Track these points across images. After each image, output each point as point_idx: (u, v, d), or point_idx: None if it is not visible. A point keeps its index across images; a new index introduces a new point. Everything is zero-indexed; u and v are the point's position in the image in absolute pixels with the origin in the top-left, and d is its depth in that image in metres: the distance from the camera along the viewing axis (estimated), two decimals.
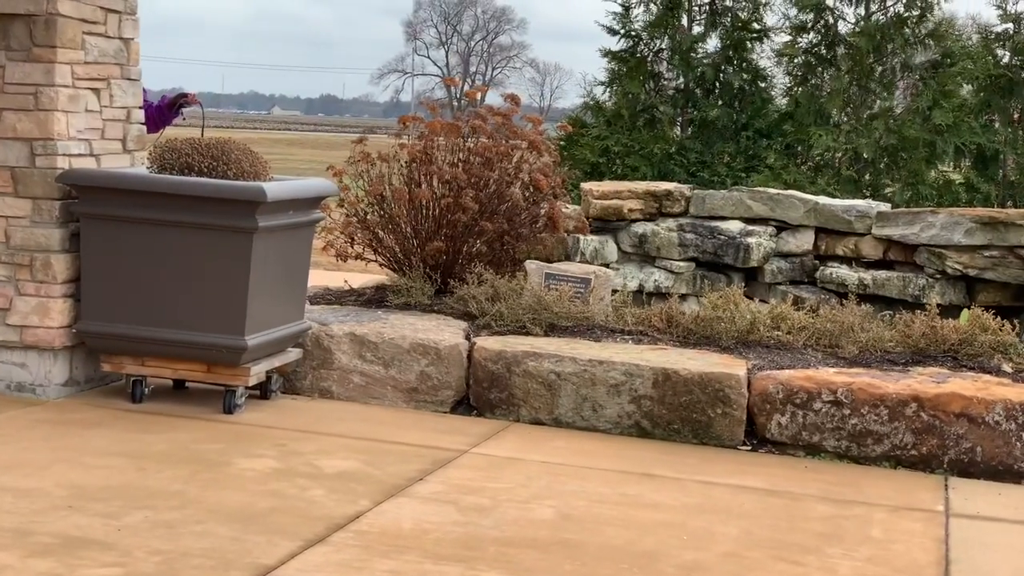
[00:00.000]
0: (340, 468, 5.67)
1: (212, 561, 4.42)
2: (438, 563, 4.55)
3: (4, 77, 6.52)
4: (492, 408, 6.82)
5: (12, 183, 6.53)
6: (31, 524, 4.66)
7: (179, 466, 5.53)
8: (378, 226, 8.17)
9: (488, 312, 7.32)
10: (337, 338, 7.01)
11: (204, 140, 6.61)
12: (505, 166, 8.20)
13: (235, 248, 6.31)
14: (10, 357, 6.56)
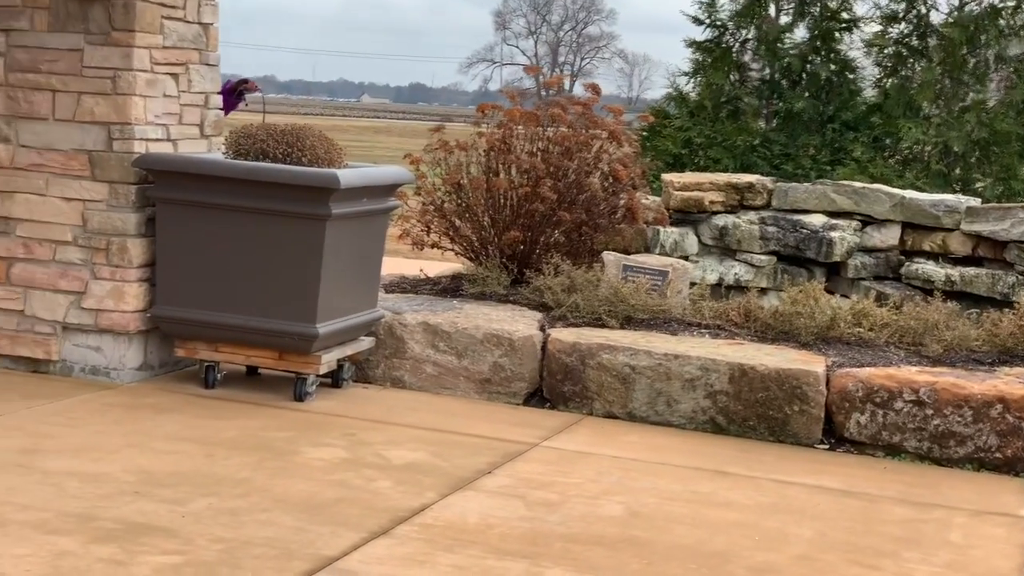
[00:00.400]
0: (408, 459, 5.61)
1: (274, 551, 4.38)
2: (502, 558, 4.48)
3: (83, 61, 6.53)
4: (565, 401, 6.73)
5: (90, 167, 6.54)
6: (96, 509, 4.65)
7: (247, 453, 5.50)
8: (455, 215, 8.11)
9: (564, 303, 7.23)
10: (410, 327, 6.96)
11: (279, 126, 6.58)
12: (584, 156, 8.10)
13: (308, 235, 6.27)
14: (85, 340, 6.58)
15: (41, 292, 6.59)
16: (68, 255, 6.56)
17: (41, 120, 6.59)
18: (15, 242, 6.63)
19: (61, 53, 6.55)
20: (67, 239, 6.56)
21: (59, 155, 6.57)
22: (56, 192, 6.58)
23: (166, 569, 4.13)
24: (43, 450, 5.31)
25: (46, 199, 6.59)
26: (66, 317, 6.57)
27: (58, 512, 4.58)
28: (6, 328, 6.64)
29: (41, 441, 5.43)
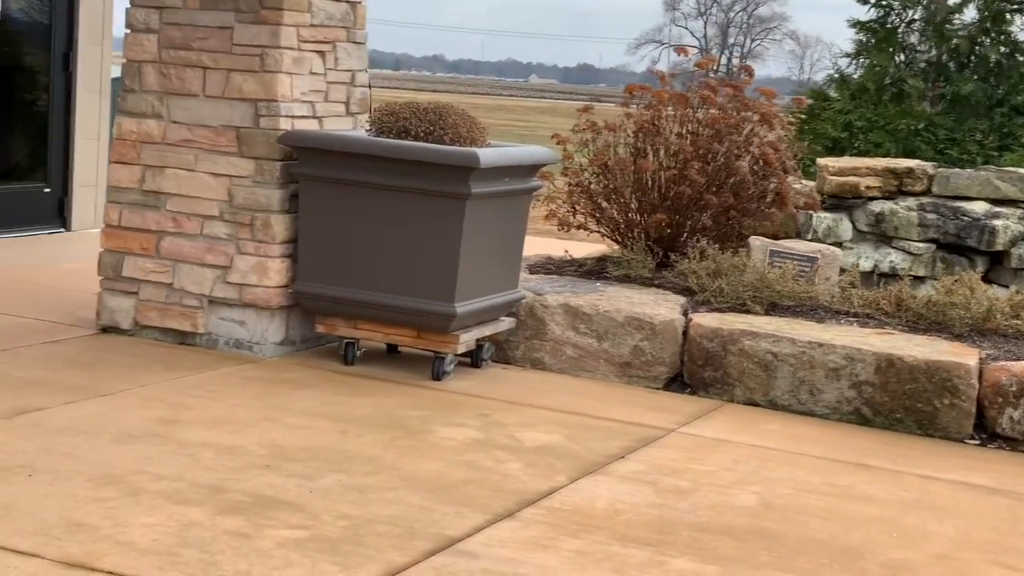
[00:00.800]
0: (541, 442, 5.56)
1: (397, 529, 4.37)
2: (626, 545, 4.40)
3: (232, 38, 6.61)
4: (706, 387, 6.62)
5: (237, 143, 6.62)
6: (227, 481, 4.70)
7: (380, 431, 5.51)
8: (601, 196, 8.02)
9: (708, 288, 7.10)
10: (551, 308, 6.91)
11: (422, 104, 6.57)
12: (735, 139, 7.94)
13: (447, 214, 6.26)
14: (229, 314, 6.67)
15: (189, 266, 6.70)
16: (215, 230, 6.66)
17: (192, 96, 6.69)
18: (165, 216, 6.75)
19: (212, 31, 6.64)
20: (214, 214, 6.66)
21: (208, 131, 6.66)
22: (205, 167, 6.68)
23: (289, 543, 4.15)
24: (181, 421, 5.39)
25: (195, 174, 6.69)
26: (212, 291, 6.67)
27: (190, 483, 4.64)
28: (155, 300, 6.77)
29: (180, 412, 5.52)
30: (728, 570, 4.27)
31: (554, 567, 4.16)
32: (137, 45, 6.79)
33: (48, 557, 3.87)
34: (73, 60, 10.06)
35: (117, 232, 6.84)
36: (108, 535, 4.09)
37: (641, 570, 4.19)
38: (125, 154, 6.83)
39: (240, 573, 3.89)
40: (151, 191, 6.77)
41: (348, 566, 4.02)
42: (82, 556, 3.90)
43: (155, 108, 6.77)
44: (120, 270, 6.82)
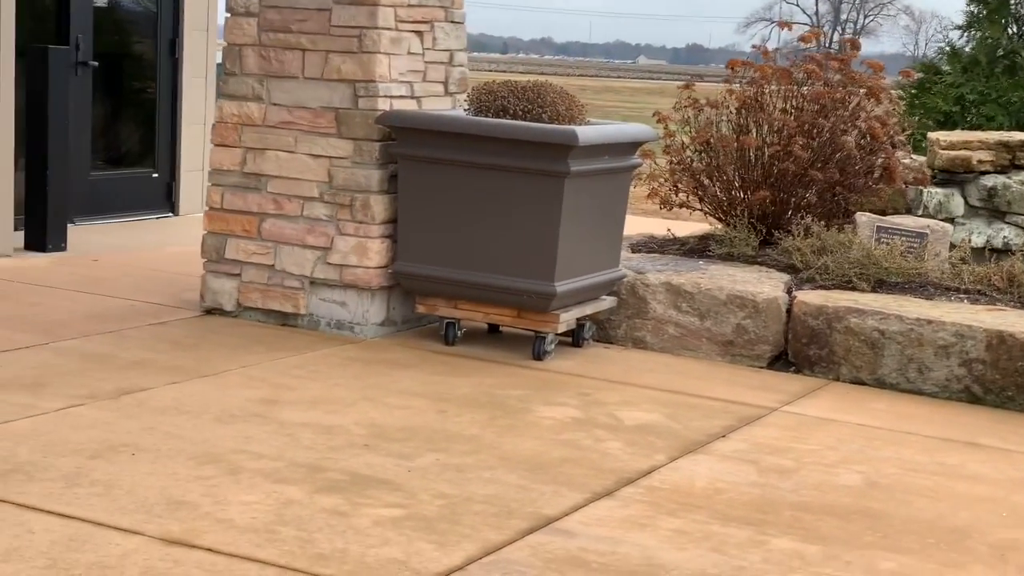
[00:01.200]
0: (641, 420, 5.51)
1: (494, 508, 4.35)
2: (726, 525, 4.34)
3: (331, 20, 6.62)
4: (811, 365, 6.51)
5: (336, 124, 6.64)
6: (325, 460, 4.71)
7: (479, 410, 5.50)
8: (703, 173, 7.92)
9: (813, 265, 6.98)
10: (653, 287, 6.84)
11: (521, 83, 6.53)
12: (840, 113, 7.78)
13: (546, 192, 6.21)
14: (330, 295, 6.70)
15: (290, 247, 6.74)
16: (315, 211, 6.69)
17: (291, 78, 6.72)
18: (266, 198, 6.79)
19: (310, 12, 6.66)
20: (314, 195, 6.69)
21: (307, 113, 6.69)
22: (304, 149, 6.70)
23: (386, 522, 4.15)
24: (282, 401, 5.42)
25: (295, 156, 6.72)
26: (313, 272, 6.70)
27: (289, 462, 4.66)
28: (257, 282, 6.82)
29: (281, 392, 5.55)
30: (831, 550, 4.19)
31: (652, 546, 4.11)
32: (237, 29, 6.83)
33: (149, 534, 3.91)
34: (179, 46, 10.18)
35: (219, 215, 6.90)
36: (208, 513, 4.12)
37: (742, 549, 4.13)
38: (226, 137, 6.88)
39: (337, 551, 3.89)
40: (252, 173, 6.82)
41: (444, 544, 4.01)
42: (182, 533, 3.94)
43: (255, 91, 6.81)
44: (223, 252, 6.88)
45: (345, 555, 3.87)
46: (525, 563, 3.91)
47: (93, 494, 4.20)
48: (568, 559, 3.96)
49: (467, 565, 3.87)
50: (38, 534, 3.85)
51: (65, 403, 5.17)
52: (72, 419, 4.97)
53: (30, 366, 5.69)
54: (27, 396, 5.23)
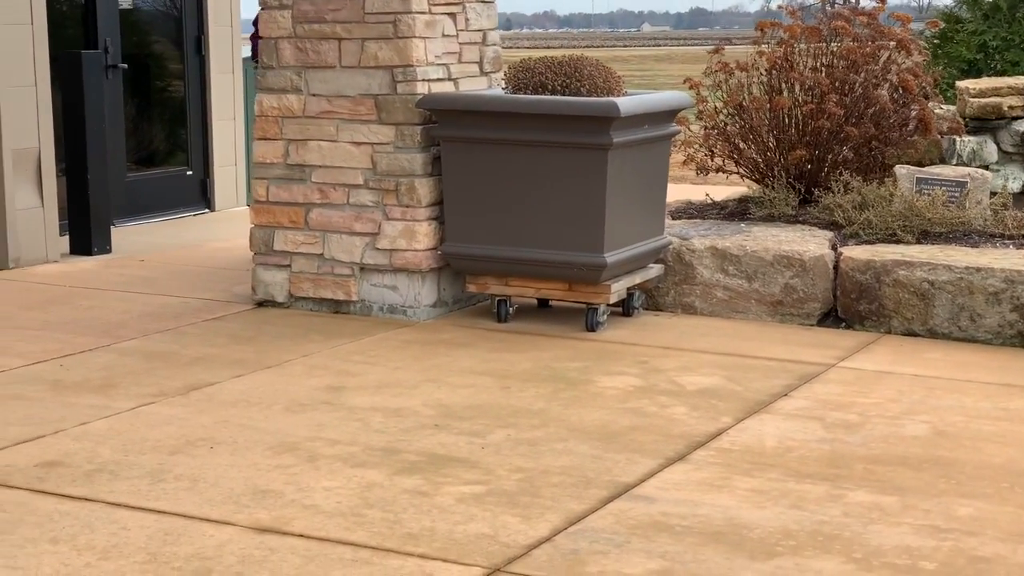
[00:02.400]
0: (702, 384, 5.57)
1: (572, 479, 4.42)
2: (801, 481, 4.40)
3: (364, 7, 6.67)
4: (861, 320, 6.55)
5: (376, 110, 6.69)
6: (399, 443, 4.78)
7: (541, 384, 5.56)
8: (738, 137, 7.96)
9: (855, 221, 7.02)
10: (698, 252, 6.89)
11: (557, 58, 6.58)
12: (871, 68, 7.81)
13: (591, 165, 6.27)
14: (381, 280, 6.77)
15: (338, 235, 6.81)
16: (360, 198, 6.75)
17: (328, 68, 6.78)
18: (311, 188, 6.86)
19: (343, 1, 6.71)
20: (359, 182, 6.75)
21: (347, 101, 6.75)
22: (346, 137, 6.76)
23: (468, 499, 4.22)
24: (347, 387, 5.50)
25: (337, 144, 6.78)
26: (362, 258, 6.76)
27: (364, 446, 4.74)
28: (307, 271, 6.89)
29: (345, 379, 5.62)
30: (908, 500, 4.24)
31: (732, 506, 4.17)
32: (272, 22, 6.88)
33: (240, 524, 3.99)
34: (205, 43, 10.25)
35: (266, 207, 6.97)
36: (293, 500, 4.19)
37: (820, 504, 4.19)
38: (268, 130, 6.94)
39: (425, 529, 3.97)
40: (296, 164, 6.88)
41: (529, 517, 4.07)
42: (272, 521, 4.01)
43: (294, 82, 6.86)
44: (272, 244, 6.95)
45: (434, 533, 3.94)
46: (610, 530, 3.98)
47: (180, 488, 4.28)
48: (651, 524, 4.03)
49: (554, 536, 3.94)
50: (133, 530, 3.94)
51: (137, 402, 5.25)
52: (146, 417, 5.05)
53: (97, 368, 5.77)
54: (99, 397, 5.32)
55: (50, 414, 5.08)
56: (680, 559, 3.76)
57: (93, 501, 4.16)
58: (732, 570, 3.69)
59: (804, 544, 3.87)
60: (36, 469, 4.45)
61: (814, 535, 3.94)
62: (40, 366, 5.80)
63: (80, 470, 4.44)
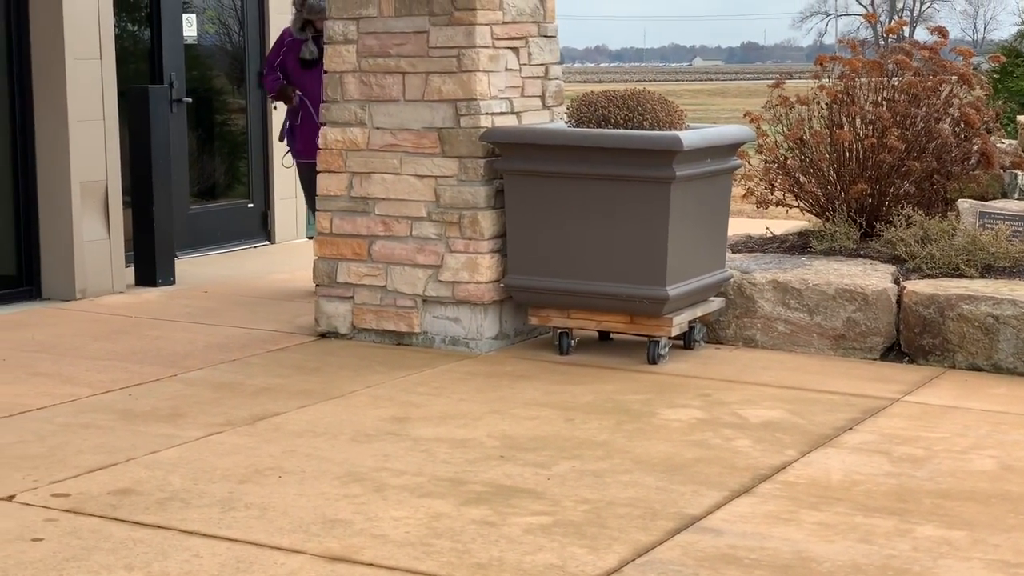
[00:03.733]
0: (765, 418, 5.57)
1: (638, 510, 4.43)
2: (869, 516, 4.39)
3: (428, 42, 6.74)
4: (925, 354, 6.53)
5: (439, 143, 6.76)
6: (465, 473, 4.81)
7: (605, 416, 5.58)
8: (798, 171, 7.96)
9: (918, 255, 7.00)
10: (759, 286, 6.89)
11: (619, 92, 6.62)
12: (933, 102, 7.80)
13: (653, 198, 6.29)
14: (443, 312, 6.81)
15: (400, 267, 6.86)
16: (423, 230, 6.80)
17: (392, 102, 6.85)
18: (374, 220, 6.92)
19: (408, 36, 6.79)
20: (422, 215, 6.81)
21: (410, 134, 6.81)
22: (409, 170, 6.83)
23: (536, 529, 4.24)
24: (412, 418, 5.54)
25: (400, 177, 6.85)
26: (425, 290, 6.81)
27: (431, 476, 4.77)
28: (370, 303, 6.95)
29: (409, 410, 5.66)
30: (977, 534, 4.23)
31: (800, 539, 4.17)
32: (337, 56, 6.97)
33: (310, 552, 4.03)
34: None
35: (329, 239, 7.04)
36: (362, 529, 4.23)
37: (888, 538, 4.18)
38: (332, 163, 7.02)
39: (494, 559, 3.99)
40: (359, 197, 6.95)
41: (596, 548, 4.09)
42: (341, 550, 4.05)
43: (358, 116, 6.94)
44: (335, 276, 7.02)
45: (502, 563, 3.97)
46: (678, 562, 3.99)
47: (250, 516, 4.33)
48: (719, 557, 4.03)
49: (622, 567, 3.95)
50: (206, 558, 3.98)
51: (205, 431, 5.31)
52: (214, 446, 5.11)
53: (165, 397, 5.84)
54: (168, 426, 5.38)
55: (121, 442, 5.15)
56: None
57: (166, 529, 4.22)
58: None
59: None
60: (109, 497, 4.51)
61: (883, 569, 3.93)
62: (110, 395, 5.88)
63: (152, 498, 4.50)
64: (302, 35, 8.29)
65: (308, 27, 8.26)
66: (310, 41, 8.25)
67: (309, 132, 8.08)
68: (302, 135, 8.29)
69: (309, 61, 8.22)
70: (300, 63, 8.27)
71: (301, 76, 8.29)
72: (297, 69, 8.29)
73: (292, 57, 8.30)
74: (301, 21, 8.29)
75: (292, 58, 8.30)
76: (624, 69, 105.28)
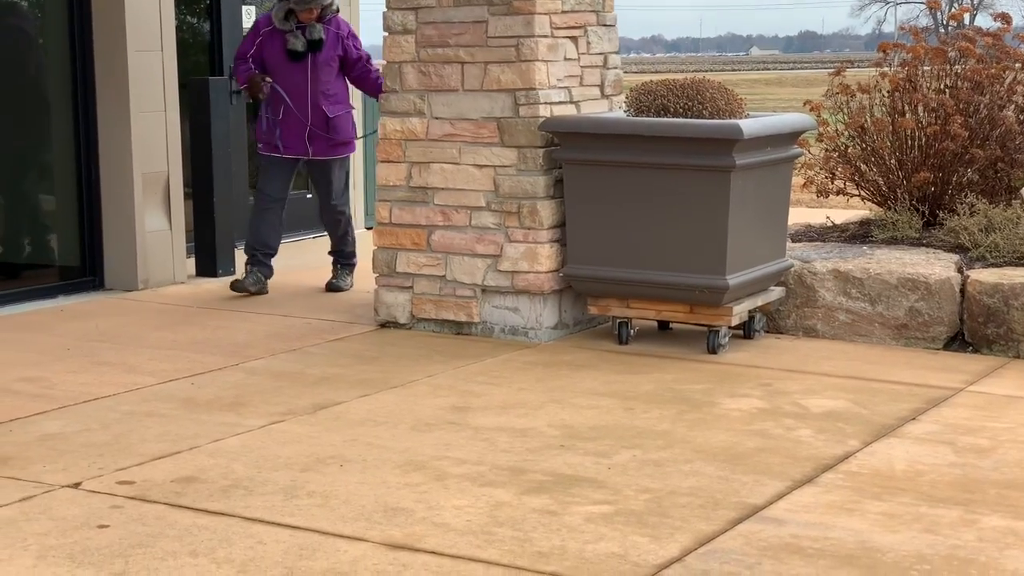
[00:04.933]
0: (827, 407, 5.53)
1: (699, 500, 4.41)
2: (934, 506, 4.35)
3: (487, 31, 6.74)
4: (989, 344, 6.46)
5: (498, 133, 6.76)
6: (525, 462, 4.81)
7: (665, 406, 5.56)
8: (859, 159, 7.90)
9: (981, 244, 6.93)
10: (820, 275, 6.84)
11: (678, 80, 6.59)
12: (996, 89, 7.71)
13: (713, 187, 6.27)
14: (503, 302, 6.82)
15: (460, 257, 6.87)
16: (482, 220, 6.81)
17: (451, 91, 6.86)
18: (433, 210, 6.93)
19: (466, 26, 6.79)
20: (481, 205, 6.81)
21: (469, 124, 6.82)
22: (468, 160, 6.83)
23: (597, 518, 4.24)
24: (472, 407, 5.54)
25: (459, 167, 6.85)
26: (484, 280, 6.82)
27: (491, 465, 4.77)
28: (429, 293, 6.96)
29: (469, 399, 5.67)
30: None
31: (864, 529, 4.14)
32: (395, 47, 6.98)
33: (373, 540, 4.05)
34: None
35: (388, 229, 7.06)
36: (424, 517, 4.24)
37: (954, 529, 4.14)
38: (391, 153, 7.04)
39: (556, 548, 3.99)
40: (418, 187, 6.97)
41: (658, 537, 4.08)
42: (403, 538, 4.06)
43: (417, 106, 6.95)
44: (394, 266, 7.04)
45: (564, 552, 3.96)
46: (740, 552, 3.97)
47: (313, 504, 4.35)
48: (782, 546, 4.01)
49: (684, 556, 3.94)
50: (269, 545, 4.01)
51: (266, 420, 5.35)
52: (276, 435, 5.14)
53: (227, 386, 5.89)
54: (230, 415, 5.42)
55: (184, 431, 5.19)
56: None
57: (230, 516, 4.25)
58: None
59: (939, 568, 3.83)
60: (173, 484, 4.55)
61: (949, 560, 3.90)
62: (172, 384, 5.93)
63: (216, 485, 4.53)
64: (285, 25, 7.86)
65: (291, 17, 7.87)
66: (296, 32, 7.87)
67: (296, 127, 7.94)
68: (288, 130, 7.97)
69: (298, 53, 7.88)
70: (287, 55, 7.88)
71: (285, 68, 7.91)
72: (280, 61, 7.90)
73: (272, 48, 7.91)
74: (284, 10, 7.85)
75: (272, 49, 7.91)
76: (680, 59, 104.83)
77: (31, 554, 3.94)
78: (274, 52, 7.92)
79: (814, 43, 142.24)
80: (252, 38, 8.04)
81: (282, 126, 7.97)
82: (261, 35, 7.97)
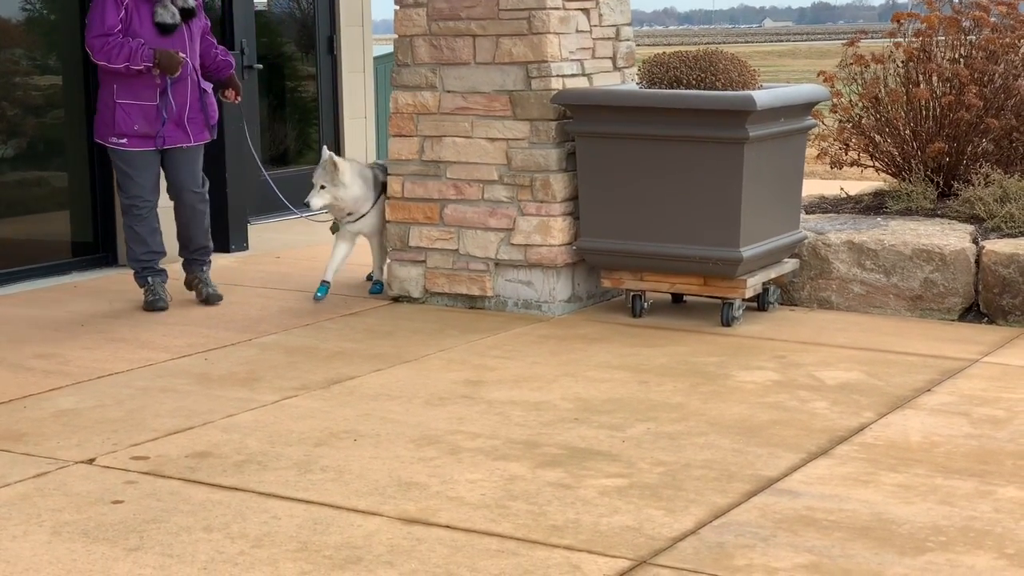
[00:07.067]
0: (842, 379, 5.51)
1: (714, 472, 4.40)
2: (949, 477, 4.34)
3: (499, 4, 6.71)
4: (1004, 315, 6.43)
5: (510, 106, 6.73)
6: (539, 436, 4.81)
7: (679, 379, 5.55)
8: (873, 130, 7.86)
9: (997, 214, 6.89)
10: (834, 247, 6.81)
11: (691, 52, 6.56)
12: (1011, 58, 7.67)
13: (726, 159, 6.24)
14: (516, 276, 6.80)
15: (472, 231, 6.86)
16: (495, 193, 6.79)
17: (463, 65, 6.83)
18: (446, 184, 6.91)
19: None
20: (493, 178, 6.79)
21: (481, 97, 6.79)
22: (480, 133, 6.81)
23: (611, 491, 4.23)
24: (485, 381, 5.54)
25: (471, 140, 6.83)
26: (497, 254, 6.80)
27: (505, 439, 4.77)
28: (443, 267, 6.95)
29: (483, 373, 5.66)
30: None
31: (879, 501, 4.13)
32: (407, 20, 6.95)
33: (387, 514, 4.04)
34: (337, 43, 10.37)
35: (401, 203, 7.04)
36: (438, 492, 4.24)
37: (969, 500, 4.13)
38: (403, 127, 7.01)
39: (570, 521, 3.98)
40: (431, 160, 6.95)
41: (673, 510, 4.07)
42: (418, 512, 4.06)
43: (428, 79, 6.93)
44: (407, 240, 7.02)
45: (579, 525, 3.96)
46: (755, 524, 3.96)
47: (327, 479, 4.35)
48: (797, 518, 4.00)
49: (699, 529, 3.93)
50: (283, 519, 4.01)
51: (280, 395, 5.35)
52: (290, 410, 5.14)
53: (240, 362, 5.89)
54: (244, 390, 5.42)
55: (198, 406, 5.19)
56: (828, 554, 3.73)
57: (244, 491, 4.25)
58: (882, 565, 3.65)
59: (954, 540, 3.82)
60: (187, 459, 4.56)
61: (965, 531, 3.88)
62: (186, 360, 5.94)
63: (230, 460, 4.54)
64: None
65: None
66: (166, 2, 6.86)
67: (178, 112, 6.93)
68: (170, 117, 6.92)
69: (169, 26, 6.86)
70: (157, 28, 6.82)
71: (157, 44, 6.80)
72: (152, 35, 6.80)
73: (142, 20, 6.80)
74: None
75: (142, 21, 6.80)
76: (693, 32, 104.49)
77: (46, 530, 3.95)
78: (144, 25, 6.80)
79: (827, 14, 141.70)
80: (116, 8, 6.76)
81: (167, 112, 6.89)
82: (126, 6, 6.79)
